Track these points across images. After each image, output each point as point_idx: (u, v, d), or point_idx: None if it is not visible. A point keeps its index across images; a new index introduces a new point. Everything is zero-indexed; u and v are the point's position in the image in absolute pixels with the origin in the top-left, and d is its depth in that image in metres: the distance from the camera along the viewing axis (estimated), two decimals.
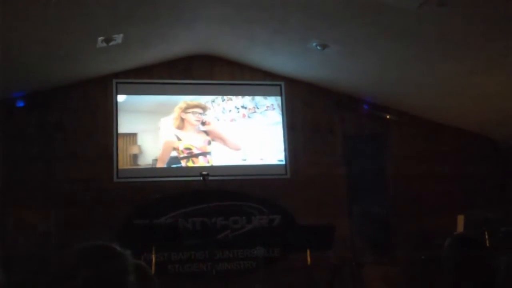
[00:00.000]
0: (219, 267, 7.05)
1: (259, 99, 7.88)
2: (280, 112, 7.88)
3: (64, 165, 6.93)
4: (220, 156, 7.55)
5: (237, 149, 7.61)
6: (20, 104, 6.88)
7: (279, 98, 7.91)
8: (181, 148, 7.44)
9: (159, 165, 7.33)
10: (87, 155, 7.08)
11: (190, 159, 7.44)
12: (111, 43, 6.06)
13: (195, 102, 7.63)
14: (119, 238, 6.58)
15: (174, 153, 7.39)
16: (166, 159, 7.37)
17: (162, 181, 7.25)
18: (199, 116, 7.58)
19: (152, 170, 7.30)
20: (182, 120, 7.53)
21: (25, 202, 6.66)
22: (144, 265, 2.16)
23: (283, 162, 7.75)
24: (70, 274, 1.47)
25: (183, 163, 7.42)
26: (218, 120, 7.64)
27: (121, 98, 7.40)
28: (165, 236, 6.57)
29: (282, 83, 7.93)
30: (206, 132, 7.57)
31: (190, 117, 7.56)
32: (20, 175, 6.72)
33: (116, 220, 6.86)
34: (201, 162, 7.45)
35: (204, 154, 7.50)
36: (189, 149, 7.46)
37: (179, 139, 7.46)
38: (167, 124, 7.47)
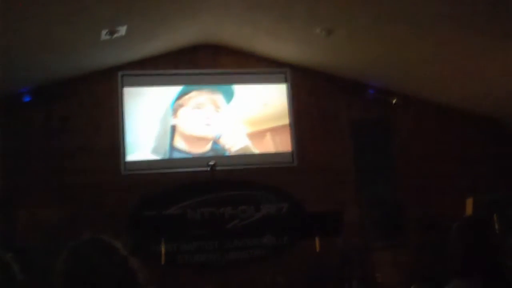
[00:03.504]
0: (229, 257, 7.08)
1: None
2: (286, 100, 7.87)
3: (71, 159, 6.95)
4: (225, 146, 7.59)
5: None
6: (26, 99, 6.91)
7: (284, 85, 7.90)
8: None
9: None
10: (95, 148, 7.09)
11: (198, 144, 7.48)
12: (115, 35, 6.05)
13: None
14: (129, 230, 6.63)
15: (182, 143, 7.41)
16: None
17: (170, 172, 7.26)
18: (209, 112, 7.62)
19: (159, 162, 7.32)
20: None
21: (34, 196, 6.70)
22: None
23: (290, 150, 7.75)
24: (68, 271, 1.46)
25: (192, 148, 7.43)
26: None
27: (126, 90, 7.40)
28: (174, 227, 6.61)
29: (287, 71, 7.91)
30: (211, 125, 7.59)
31: (201, 113, 7.59)
32: (28, 170, 6.75)
33: (125, 212, 6.89)
34: (207, 148, 7.47)
35: (214, 141, 7.52)
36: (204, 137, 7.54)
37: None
38: (177, 115, 7.48)
